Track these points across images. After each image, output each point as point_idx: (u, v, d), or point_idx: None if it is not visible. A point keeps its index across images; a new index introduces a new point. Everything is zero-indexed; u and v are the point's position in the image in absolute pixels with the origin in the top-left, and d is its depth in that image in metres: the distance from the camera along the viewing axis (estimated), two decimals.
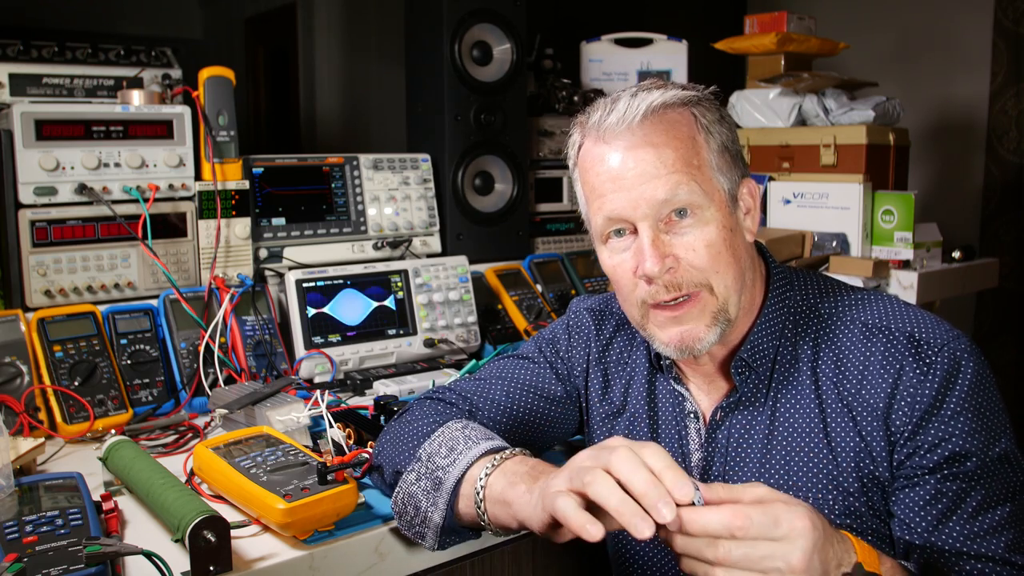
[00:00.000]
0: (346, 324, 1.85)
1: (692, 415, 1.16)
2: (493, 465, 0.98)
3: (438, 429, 1.10)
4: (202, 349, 1.67)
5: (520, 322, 2.09)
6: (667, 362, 1.17)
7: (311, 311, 1.82)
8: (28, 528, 1.03)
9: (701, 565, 0.80)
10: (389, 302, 1.91)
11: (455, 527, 1.04)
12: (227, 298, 1.75)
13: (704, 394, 1.16)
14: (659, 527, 0.77)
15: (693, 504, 0.78)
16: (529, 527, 0.91)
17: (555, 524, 0.85)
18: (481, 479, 0.98)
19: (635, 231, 1.04)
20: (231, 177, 1.86)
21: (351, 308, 1.87)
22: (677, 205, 1.02)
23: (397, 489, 1.09)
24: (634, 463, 0.78)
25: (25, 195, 1.62)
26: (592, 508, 0.80)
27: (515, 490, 0.94)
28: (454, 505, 1.02)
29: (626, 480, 0.78)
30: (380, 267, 1.94)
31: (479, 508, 0.98)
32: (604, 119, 1.04)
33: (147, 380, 1.64)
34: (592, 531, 0.77)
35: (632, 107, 1.03)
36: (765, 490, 0.82)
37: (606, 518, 0.79)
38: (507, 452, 1.01)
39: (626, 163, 1.02)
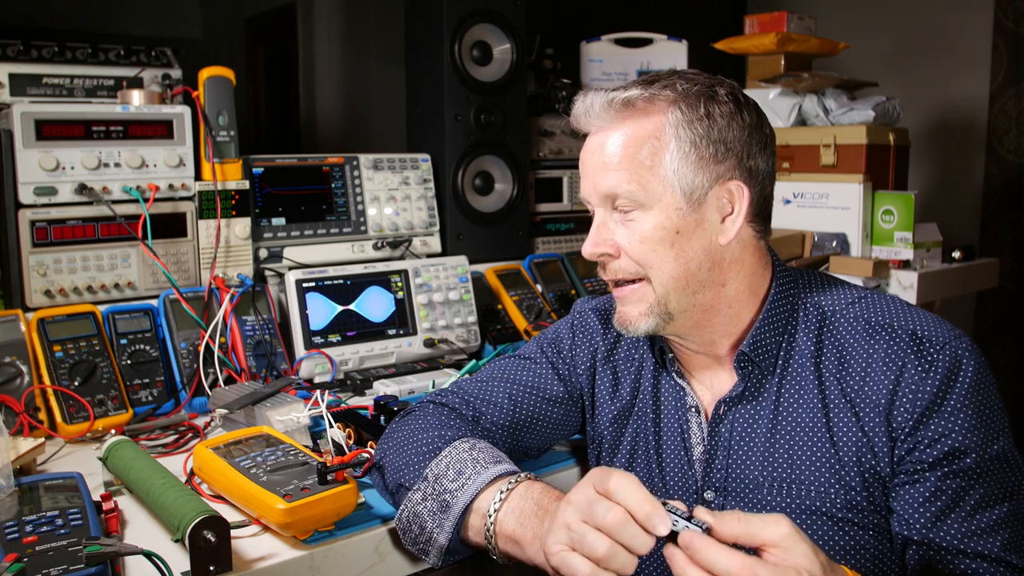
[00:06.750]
0: (312, 328, 1.82)
1: (693, 409, 1.16)
2: (500, 500, 1.01)
3: (445, 448, 1.11)
4: (202, 349, 1.67)
5: (520, 322, 2.09)
6: (670, 356, 1.18)
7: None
8: (28, 528, 1.03)
9: None
10: (355, 306, 1.87)
11: (459, 548, 1.06)
12: (227, 298, 1.75)
13: (707, 388, 1.17)
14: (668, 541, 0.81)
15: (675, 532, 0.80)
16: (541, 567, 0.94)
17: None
18: (491, 515, 1.01)
19: None
20: (231, 177, 1.86)
21: (319, 311, 1.84)
22: (617, 199, 1.07)
23: (402, 508, 1.11)
24: (620, 518, 0.81)
25: (25, 195, 1.62)
26: None
27: (524, 531, 0.97)
28: (461, 530, 1.04)
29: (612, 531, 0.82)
30: (380, 267, 1.94)
31: (490, 543, 1.01)
32: (574, 107, 1.12)
33: (147, 380, 1.64)
34: None
35: (598, 99, 1.08)
36: (787, 528, 0.79)
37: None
38: (513, 480, 1.03)
39: (588, 149, 1.11)
